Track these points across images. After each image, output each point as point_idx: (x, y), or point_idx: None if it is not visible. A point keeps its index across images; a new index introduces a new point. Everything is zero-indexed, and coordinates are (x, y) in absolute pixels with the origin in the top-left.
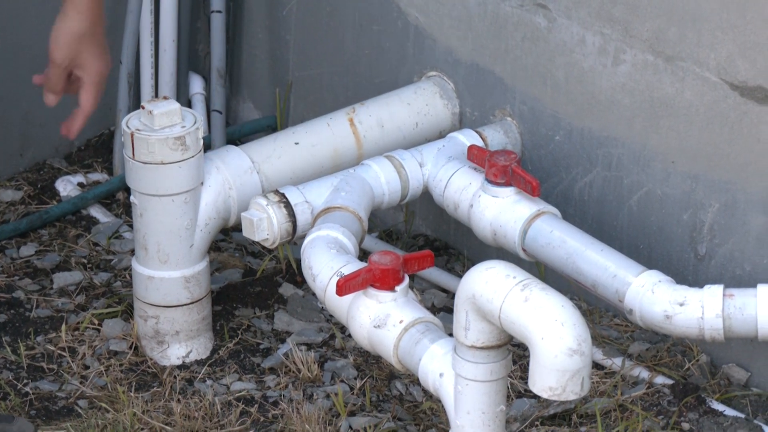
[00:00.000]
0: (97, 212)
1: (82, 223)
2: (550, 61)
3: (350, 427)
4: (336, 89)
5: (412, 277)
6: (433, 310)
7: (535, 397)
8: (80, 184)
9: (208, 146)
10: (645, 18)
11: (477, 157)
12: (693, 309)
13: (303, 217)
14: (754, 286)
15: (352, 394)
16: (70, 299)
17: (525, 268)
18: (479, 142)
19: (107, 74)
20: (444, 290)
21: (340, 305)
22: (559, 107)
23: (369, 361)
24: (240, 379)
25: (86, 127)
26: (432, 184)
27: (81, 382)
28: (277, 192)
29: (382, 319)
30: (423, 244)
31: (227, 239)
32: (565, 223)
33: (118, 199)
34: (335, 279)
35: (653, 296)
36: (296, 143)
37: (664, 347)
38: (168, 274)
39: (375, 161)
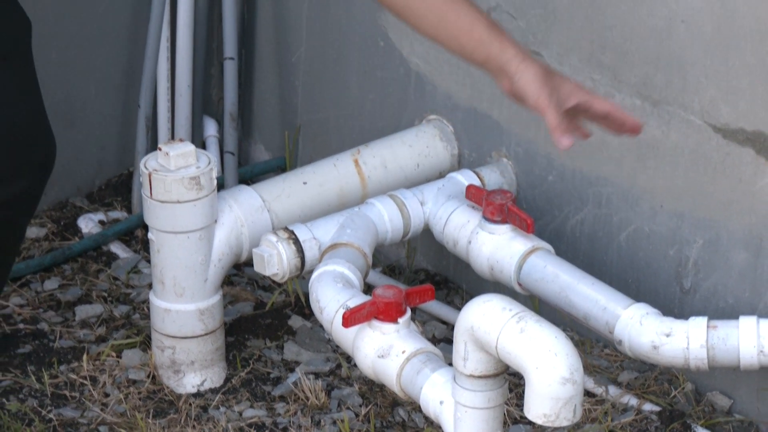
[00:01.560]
0: (116, 248)
1: (102, 259)
2: None
3: None
4: (342, 132)
5: (413, 310)
6: (434, 341)
7: (531, 423)
8: (101, 222)
9: (221, 186)
10: (633, 64)
11: (475, 196)
12: (679, 340)
13: (311, 252)
14: (737, 318)
15: (358, 420)
16: (92, 331)
17: (520, 302)
18: (477, 182)
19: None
20: (444, 322)
21: (346, 336)
22: (552, 149)
23: (373, 389)
24: (252, 407)
25: (106, 167)
26: (432, 222)
27: (102, 409)
28: (286, 229)
29: (386, 349)
30: (424, 279)
31: (239, 274)
32: (558, 258)
33: (136, 235)
34: (341, 312)
35: (641, 328)
36: (304, 183)
37: (651, 376)
38: (184, 307)
39: (379, 200)
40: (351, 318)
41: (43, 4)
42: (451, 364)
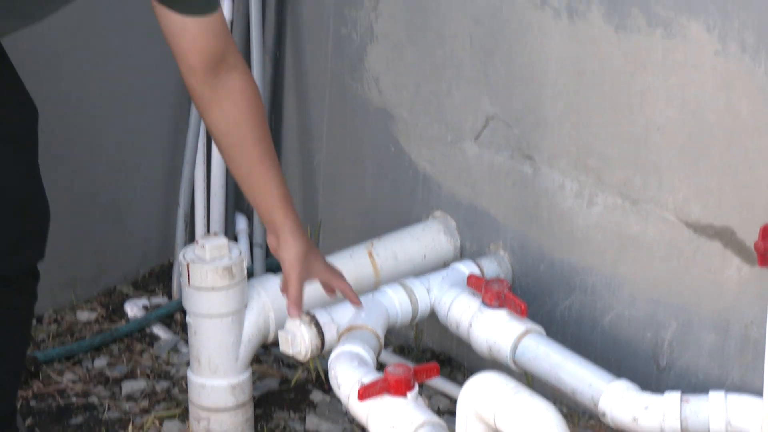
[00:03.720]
0: (159, 330)
1: (146, 339)
2: (535, 204)
3: None
4: (358, 226)
5: (421, 386)
6: (439, 413)
7: None
8: (145, 307)
9: (250, 274)
10: (614, 167)
11: (475, 284)
12: (656, 413)
13: (330, 334)
14: (707, 392)
15: None
16: (136, 403)
17: (516, 378)
18: (477, 272)
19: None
20: (448, 396)
21: (361, 409)
22: (544, 242)
23: None
24: None
25: (150, 258)
26: (437, 307)
27: None
28: (308, 313)
29: (397, 421)
30: (430, 357)
31: (267, 352)
32: (548, 339)
33: (176, 319)
34: (357, 387)
35: (622, 402)
36: None
37: None
38: (217, 383)
39: (390, 287)
40: (365, 393)
41: (93, 115)
42: None
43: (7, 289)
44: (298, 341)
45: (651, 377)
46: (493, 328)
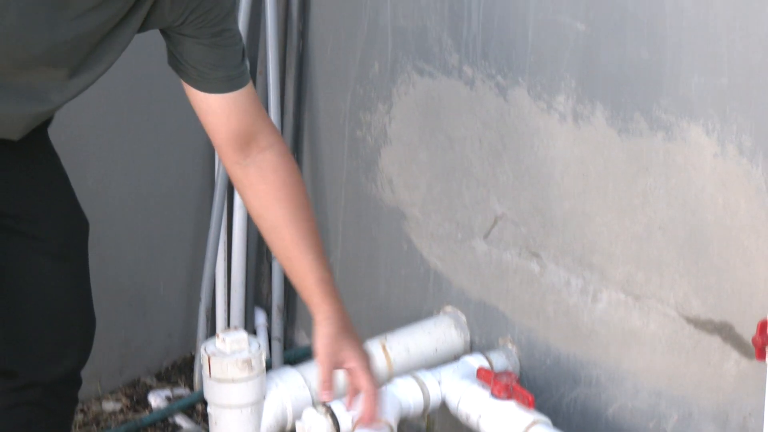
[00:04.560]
0: (181, 420)
1: (169, 429)
2: (542, 299)
3: None
4: (372, 321)
5: None
6: None
7: None
8: (167, 398)
9: (269, 367)
10: (618, 264)
11: (484, 377)
12: None
13: (345, 424)
14: None
15: None
16: None
17: None
18: (486, 365)
19: (369, 358)
20: None
21: None
22: (550, 336)
23: None
24: None
25: (173, 350)
26: (448, 398)
27: None
28: (324, 404)
29: None
30: None
31: None
32: (555, 430)
33: (197, 409)
34: None
35: None
36: None
37: None
38: None
39: (403, 380)
40: None
41: (119, 212)
42: None
43: (48, 396)
44: (314, 431)
45: None
46: (502, 419)
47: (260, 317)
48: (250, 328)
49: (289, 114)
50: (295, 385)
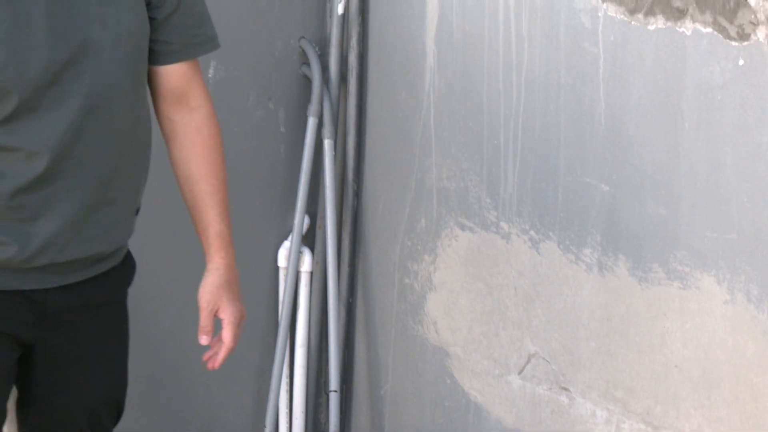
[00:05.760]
0: None
1: None
2: (571, 429)
3: None
4: None
5: None
6: None
7: None
8: None
9: None
10: (638, 398)
11: None
12: None
13: None
14: None
15: None
16: None
17: None
18: None
19: (242, 317)
20: None
21: None
22: None
23: None
24: None
25: None
26: None
27: None
28: None
29: None
30: None
31: None
32: None
33: None
34: None
35: None
36: None
37: None
38: None
39: None
40: None
41: (189, 342)
42: None
43: None
44: None
45: None
46: None
47: None
48: None
49: (345, 263)
50: None
